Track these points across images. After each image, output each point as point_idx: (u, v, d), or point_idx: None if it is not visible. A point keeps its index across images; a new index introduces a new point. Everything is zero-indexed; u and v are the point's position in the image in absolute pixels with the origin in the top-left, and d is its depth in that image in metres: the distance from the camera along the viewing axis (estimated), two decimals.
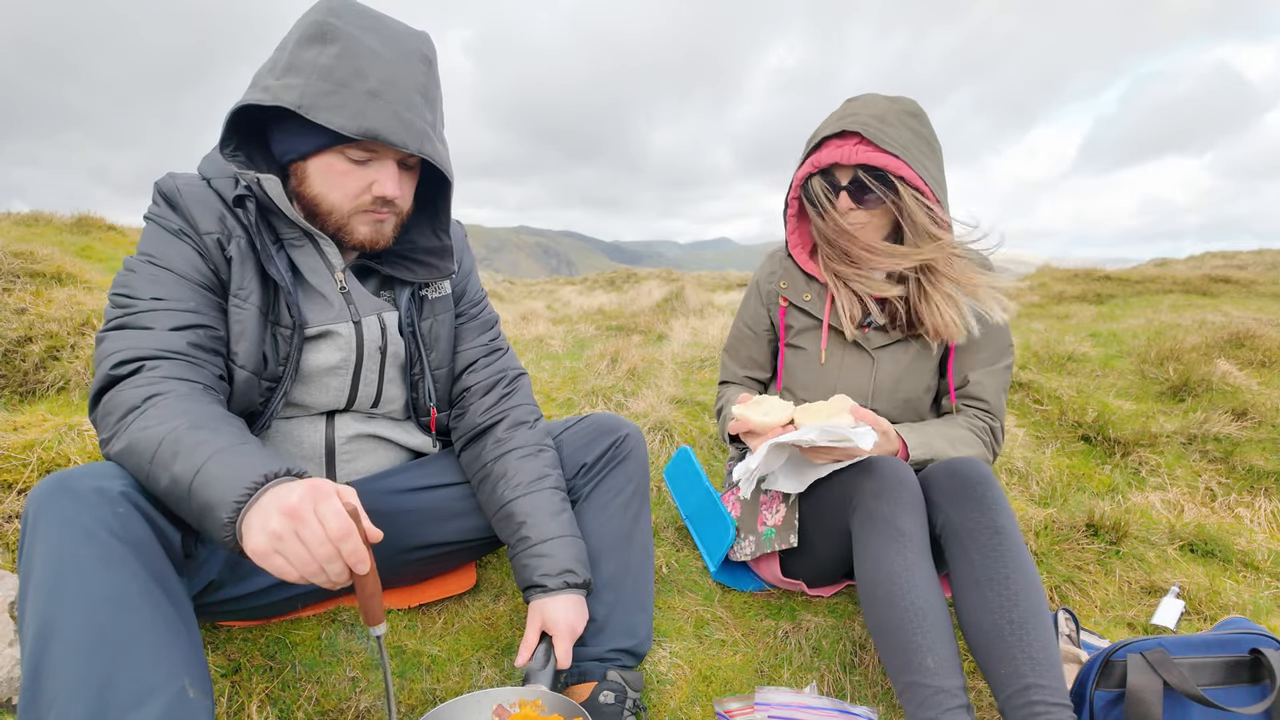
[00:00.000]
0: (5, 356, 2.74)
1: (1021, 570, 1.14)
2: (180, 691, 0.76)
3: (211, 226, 1.06)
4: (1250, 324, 3.85)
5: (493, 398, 1.32)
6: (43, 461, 1.74)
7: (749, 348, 1.71)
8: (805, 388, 1.60)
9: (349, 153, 1.04)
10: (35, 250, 3.42)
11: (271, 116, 1.06)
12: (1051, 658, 1.06)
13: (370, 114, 0.98)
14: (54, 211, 6.04)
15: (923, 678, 1.07)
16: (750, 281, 1.74)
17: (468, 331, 1.34)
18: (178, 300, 1.02)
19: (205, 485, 0.81)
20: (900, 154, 1.34)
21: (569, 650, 1.12)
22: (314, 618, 1.30)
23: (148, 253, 1.05)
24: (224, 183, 1.08)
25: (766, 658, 1.46)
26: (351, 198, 1.07)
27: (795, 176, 1.49)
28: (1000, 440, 1.52)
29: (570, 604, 1.15)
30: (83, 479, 0.84)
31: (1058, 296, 6.49)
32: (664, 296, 6.31)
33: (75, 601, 0.75)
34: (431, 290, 1.28)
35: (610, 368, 3.43)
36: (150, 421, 0.88)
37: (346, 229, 1.11)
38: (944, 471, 1.29)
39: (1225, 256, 9.98)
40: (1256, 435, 2.64)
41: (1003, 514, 1.20)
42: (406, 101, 1.01)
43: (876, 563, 1.19)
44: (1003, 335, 1.53)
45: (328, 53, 0.98)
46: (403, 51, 1.02)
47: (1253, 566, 1.93)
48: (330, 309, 1.15)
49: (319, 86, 0.97)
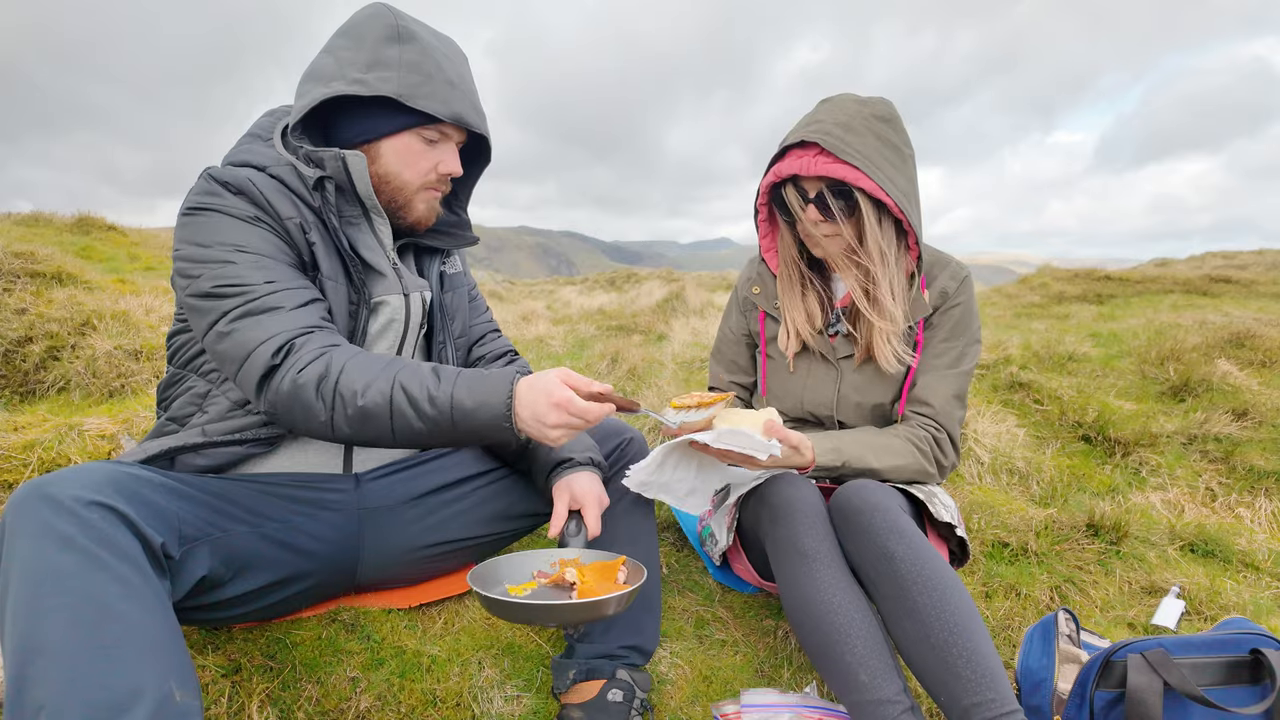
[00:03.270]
0: (5, 357, 2.74)
1: (928, 590, 1.08)
2: (167, 695, 0.76)
3: (290, 212, 1.12)
4: (1251, 324, 3.86)
5: (503, 363, 1.48)
6: (43, 461, 1.74)
7: (733, 353, 1.69)
8: (778, 396, 1.59)
9: (425, 133, 1.17)
10: (36, 250, 3.42)
11: (334, 106, 1.16)
12: (979, 669, 1.01)
13: (455, 101, 1.15)
14: (54, 212, 6.05)
15: (862, 695, 1.05)
16: (732, 289, 1.73)
17: (473, 310, 1.49)
18: (289, 281, 1.08)
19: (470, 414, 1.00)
20: (861, 165, 1.29)
21: (598, 518, 1.19)
22: (314, 618, 1.30)
23: (230, 242, 1.06)
24: (282, 170, 1.14)
25: (767, 658, 1.46)
26: (421, 175, 1.20)
27: (760, 185, 1.46)
28: (949, 452, 1.44)
29: (595, 478, 1.24)
30: (59, 486, 0.83)
31: (1058, 296, 6.49)
32: (664, 296, 6.31)
33: (56, 610, 0.75)
34: (450, 266, 1.40)
35: (611, 368, 3.43)
36: (355, 383, 1.00)
37: (408, 206, 1.23)
38: (834, 504, 1.26)
39: (1226, 256, 9.98)
40: (1257, 435, 2.64)
41: (891, 536, 1.14)
42: (474, 91, 1.20)
43: (790, 589, 1.17)
44: (966, 340, 1.47)
45: (410, 50, 1.12)
46: (456, 52, 1.20)
47: (1253, 567, 1.93)
48: (385, 281, 1.24)
49: (411, 78, 1.11)
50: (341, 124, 1.18)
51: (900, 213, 1.33)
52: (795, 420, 1.60)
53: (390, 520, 1.27)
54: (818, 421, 1.56)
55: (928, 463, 1.41)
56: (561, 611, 0.96)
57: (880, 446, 1.38)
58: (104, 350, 2.72)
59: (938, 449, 1.43)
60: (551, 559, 1.15)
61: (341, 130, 1.18)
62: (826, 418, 1.53)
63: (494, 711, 1.22)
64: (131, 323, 2.97)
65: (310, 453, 1.23)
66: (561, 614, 0.97)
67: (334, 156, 1.14)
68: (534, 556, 1.17)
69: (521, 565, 1.16)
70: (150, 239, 7.12)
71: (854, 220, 1.37)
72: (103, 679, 0.73)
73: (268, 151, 1.16)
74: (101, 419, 2.01)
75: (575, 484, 1.21)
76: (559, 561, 1.14)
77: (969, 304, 1.48)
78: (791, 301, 1.53)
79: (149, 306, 3.21)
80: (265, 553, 1.10)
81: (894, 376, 1.48)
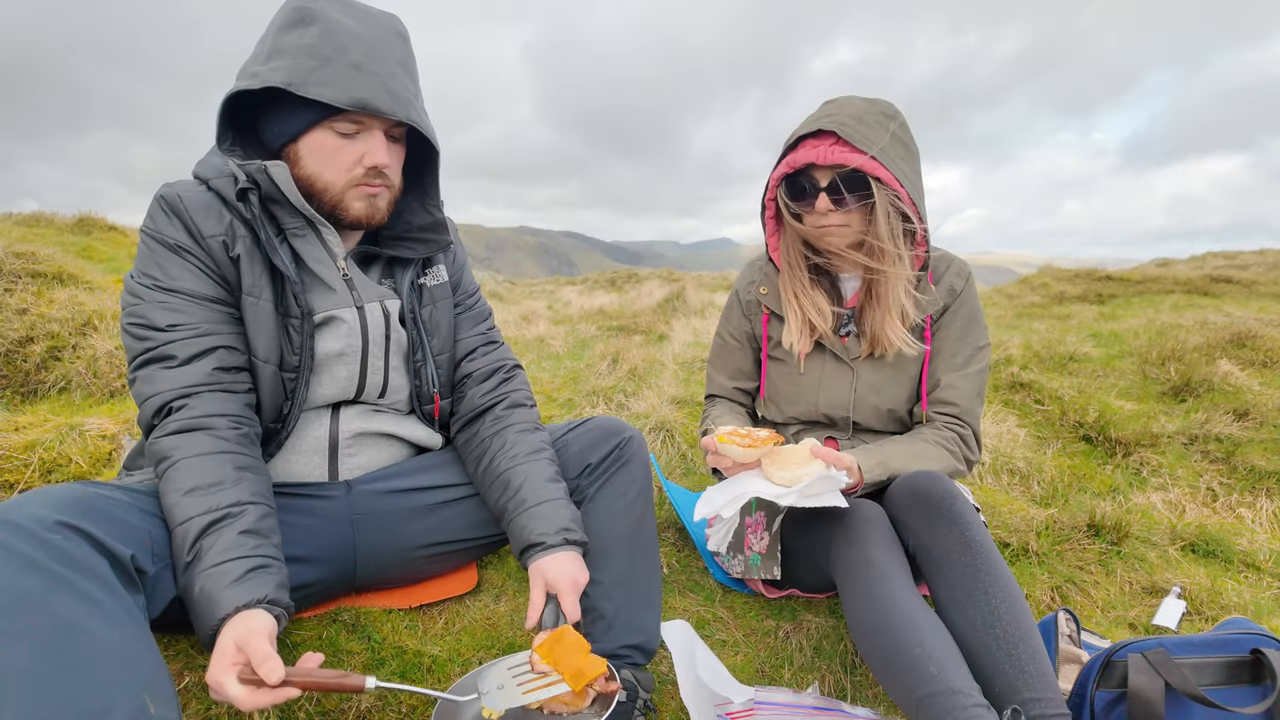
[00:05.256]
0: (7, 357, 2.74)
1: (999, 583, 1.12)
2: (140, 708, 0.75)
3: (215, 229, 1.08)
4: (1252, 324, 3.85)
5: (491, 384, 1.36)
6: (44, 462, 1.74)
7: (734, 359, 1.67)
8: (787, 399, 1.57)
9: (337, 126, 1.07)
10: (37, 250, 3.43)
11: (259, 106, 1.09)
12: (1042, 669, 1.04)
13: (357, 85, 1.02)
14: (55, 212, 6.05)
15: (931, 687, 1.02)
16: (731, 291, 1.70)
17: (465, 322, 1.38)
18: (193, 324, 1.06)
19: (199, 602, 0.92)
20: (876, 154, 1.31)
21: (575, 603, 1.11)
22: (314, 618, 1.30)
23: (151, 275, 1.07)
24: (222, 181, 1.10)
25: (767, 658, 1.46)
26: (344, 171, 1.10)
27: (771, 177, 1.45)
28: (975, 449, 1.46)
29: (570, 559, 1.15)
30: (19, 509, 0.82)
31: (1059, 296, 6.49)
32: (665, 297, 6.31)
33: (23, 634, 0.73)
34: (430, 278, 1.31)
35: (611, 368, 3.43)
36: (168, 489, 0.98)
37: (342, 206, 1.13)
38: (906, 490, 1.27)
39: (1227, 256, 9.96)
40: (1258, 435, 2.63)
41: (971, 528, 1.17)
42: (389, 73, 1.06)
43: (861, 600, 1.17)
44: (978, 336, 1.48)
45: (309, 33, 1.02)
46: (379, 29, 1.07)
47: (1254, 567, 1.93)
48: (333, 295, 1.17)
49: (305, 64, 1.01)
50: (263, 126, 1.11)
51: (911, 204, 1.35)
52: (807, 423, 1.58)
53: (383, 523, 1.26)
54: (831, 423, 1.55)
55: (959, 462, 1.43)
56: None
57: (918, 454, 1.39)
58: (105, 350, 2.72)
59: (965, 447, 1.45)
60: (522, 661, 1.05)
61: (264, 133, 1.12)
62: (842, 419, 1.52)
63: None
64: None
65: (295, 462, 1.22)
66: None
67: (258, 169, 1.06)
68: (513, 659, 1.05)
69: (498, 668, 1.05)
70: None
71: (864, 210, 1.38)
72: (71, 699, 0.71)
73: (218, 163, 1.12)
74: (102, 419, 2.01)
75: (549, 569, 1.12)
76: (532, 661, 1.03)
77: (976, 300, 1.50)
78: (803, 295, 1.51)
79: None
80: None
81: (910, 376, 1.48)
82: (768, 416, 1.65)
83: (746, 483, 1.26)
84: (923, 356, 1.48)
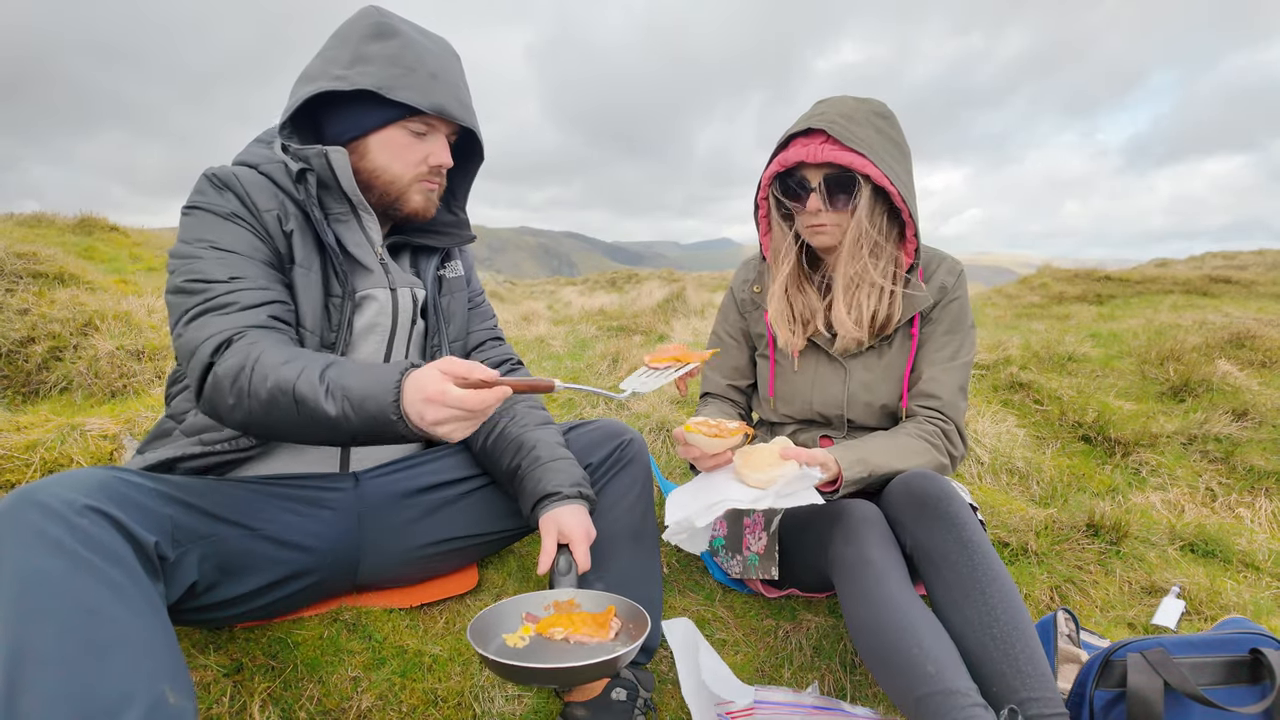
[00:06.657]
0: (8, 357, 2.75)
1: (996, 583, 1.12)
2: (159, 698, 0.75)
3: (270, 204, 1.14)
4: (1251, 324, 3.86)
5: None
6: (45, 461, 1.74)
7: (731, 357, 1.68)
8: (783, 398, 1.58)
9: (411, 126, 1.18)
10: (38, 251, 3.43)
11: (326, 103, 1.18)
12: (1039, 669, 1.04)
13: (436, 92, 1.16)
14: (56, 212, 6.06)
15: (929, 686, 1.02)
16: (726, 291, 1.71)
17: (474, 317, 1.48)
18: (251, 278, 1.09)
19: (362, 403, 0.94)
20: (866, 153, 1.31)
21: (587, 553, 1.17)
22: (316, 617, 1.30)
23: (207, 239, 1.09)
24: (273, 166, 1.17)
25: (767, 658, 1.47)
26: (411, 167, 1.21)
27: (763, 176, 1.46)
28: (959, 443, 1.45)
29: (581, 511, 1.21)
30: (48, 491, 0.83)
31: (1058, 297, 6.49)
32: (665, 297, 6.31)
33: (47, 615, 0.74)
34: (449, 270, 1.41)
35: (611, 368, 3.44)
36: (265, 371, 0.96)
37: (404, 198, 1.23)
38: (902, 490, 1.27)
39: (1226, 257, 9.97)
40: (1257, 435, 2.64)
41: (968, 528, 1.17)
42: (458, 84, 1.21)
43: (859, 600, 1.17)
44: (963, 328, 1.48)
45: (391, 45, 1.14)
46: (443, 47, 1.22)
47: (1253, 567, 1.93)
48: (371, 276, 1.25)
49: (391, 71, 1.13)
50: (330, 122, 1.21)
51: (901, 201, 1.35)
52: (802, 422, 1.59)
53: (390, 518, 1.27)
54: (826, 422, 1.55)
55: (942, 456, 1.42)
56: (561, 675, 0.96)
57: (900, 449, 1.38)
58: (106, 351, 2.73)
59: (948, 441, 1.44)
60: (544, 601, 1.12)
61: (330, 128, 1.20)
62: (836, 418, 1.53)
63: (495, 711, 1.22)
64: (133, 323, 2.98)
65: (308, 453, 1.24)
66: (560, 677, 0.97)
67: (317, 153, 1.15)
68: (525, 601, 1.12)
69: (514, 611, 1.11)
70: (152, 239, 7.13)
71: (854, 209, 1.38)
72: (93, 684, 0.72)
73: (264, 152, 1.20)
74: (104, 419, 2.01)
75: (561, 519, 1.18)
76: (552, 604, 1.11)
77: (965, 298, 1.50)
78: (794, 292, 1.52)
79: (151, 307, 3.22)
80: (262, 554, 1.11)
81: (901, 374, 1.48)
82: (764, 417, 1.65)
83: (720, 489, 1.24)
84: (909, 353, 1.48)
